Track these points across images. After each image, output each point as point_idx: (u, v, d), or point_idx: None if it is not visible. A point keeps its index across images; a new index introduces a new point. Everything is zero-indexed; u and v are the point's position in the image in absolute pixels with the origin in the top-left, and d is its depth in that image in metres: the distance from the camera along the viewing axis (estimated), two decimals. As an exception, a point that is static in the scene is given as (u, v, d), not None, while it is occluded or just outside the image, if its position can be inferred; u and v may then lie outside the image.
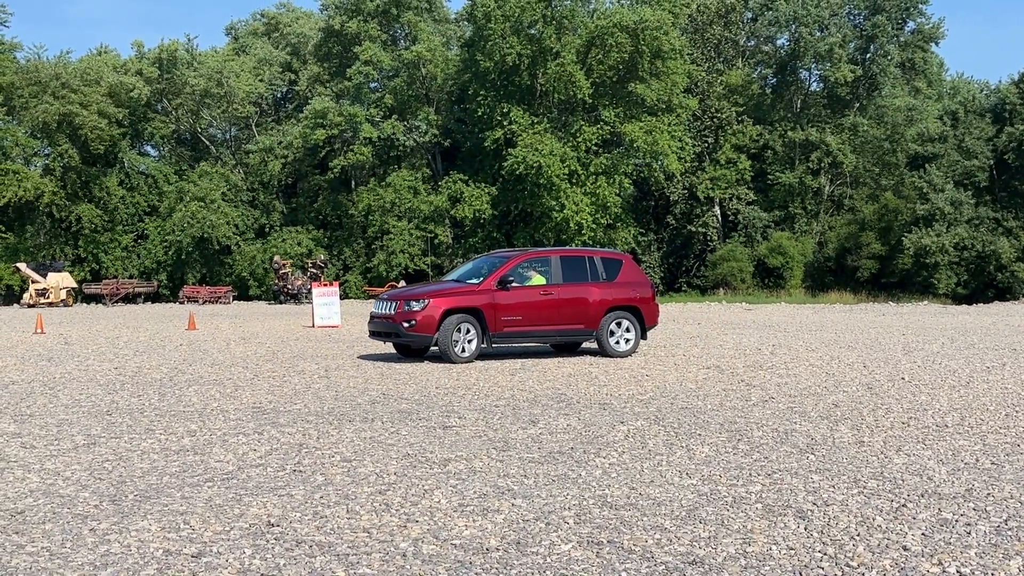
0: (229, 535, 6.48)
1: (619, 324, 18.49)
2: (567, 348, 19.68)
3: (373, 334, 18.57)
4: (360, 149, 59.28)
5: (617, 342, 18.46)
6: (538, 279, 18.31)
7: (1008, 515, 6.77)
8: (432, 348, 18.06)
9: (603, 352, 18.53)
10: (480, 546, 6.18)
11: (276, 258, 55.75)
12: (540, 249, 20.27)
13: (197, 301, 54.85)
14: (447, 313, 17.26)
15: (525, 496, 7.40)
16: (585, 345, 19.98)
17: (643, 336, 18.93)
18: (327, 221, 63.47)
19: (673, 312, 38.87)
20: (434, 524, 6.68)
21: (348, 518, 6.86)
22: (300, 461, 8.77)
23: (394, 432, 10.20)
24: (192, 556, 6.04)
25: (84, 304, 56.35)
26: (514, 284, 17.83)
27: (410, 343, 17.90)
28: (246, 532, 6.54)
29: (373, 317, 18.51)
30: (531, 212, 57.84)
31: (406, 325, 17.29)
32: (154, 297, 60.61)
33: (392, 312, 17.67)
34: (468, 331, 17.36)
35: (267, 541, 6.33)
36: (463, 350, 17.32)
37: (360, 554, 6.04)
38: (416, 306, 17.30)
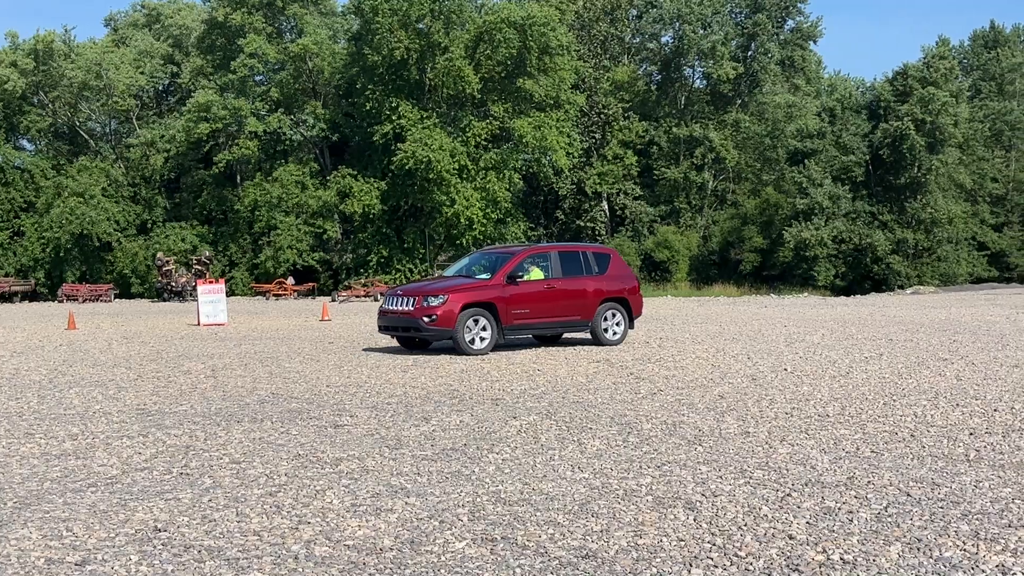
0: (114, 542, 6.31)
1: (612, 315, 19.54)
2: (552, 339, 20.52)
3: (384, 329, 19.16)
4: (245, 143, 58.30)
5: (607, 330, 19.45)
6: (538, 273, 19.11)
7: (888, 502, 7.00)
8: (444, 341, 18.67)
9: (596, 341, 19.44)
10: (373, 546, 6.14)
11: (159, 255, 54.46)
12: (539, 245, 21.39)
13: (77, 300, 53.20)
14: (465, 307, 17.89)
15: (418, 494, 7.38)
16: (567, 336, 20.79)
17: (631, 326, 19.99)
18: (212, 217, 62.26)
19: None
20: (326, 525, 6.62)
21: (238, 521, 6.75)
22: (187, 464, 8.59)
23: (284, 432, 10.06)
24: (76, 564, 5.87)
25: (-45, 304, 54.21)
26: (521, 278, 18.65)
27: (429, 337, 18.44)
28: (132, 538, 6.38)
29: (384, 312, 18.90)
30: (421, 207, 57.70)
31: (426, 320, 17.79)
32: (31, 296, 58.58)
33: (411, 308, 18.10)
34: (482, 324, 18.04)
35: (154, 547, 6.19)
36: (480, 342, 18.00)
37: (251, 558, 5.95)
38: (435, 301, 17.84)
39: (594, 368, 15.59)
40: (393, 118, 56.34)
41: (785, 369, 15.04)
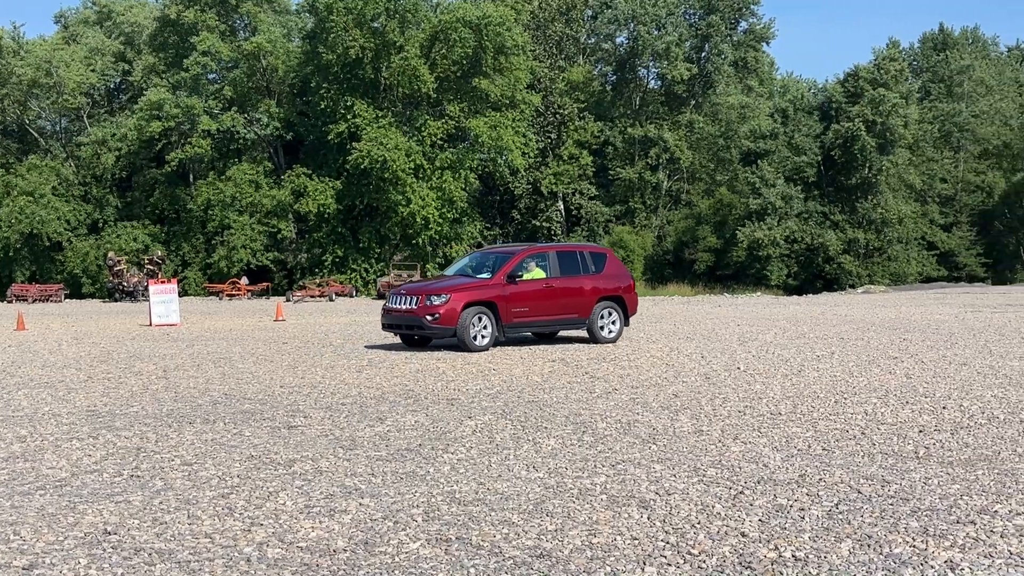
0: (63, 545, 6.22)
1: (608, 313, 19.85)
2: (548, 336, 20.84)
3: (388, 327, 19.54)
4: (198, 142, 57.78)
5: (603, 328, 19.76)
6: (538, 273, 19.42)
7: (839, 499, 7.07)
8: (446, 339, 19.02)
9: (592, 339, 19.74)
10: (327, 547, 6.11)
11: (111, 254, 53.77)
12: (537, 245, 21.70)
13: (26, 300, 52.38)
14: (467, 306, 18.30)
15: (373, 495, 7.35)
16: (563, 334, 21.07)
17: (626, 323, 20.28)
18: (164, 216, 61.62)
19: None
20: (279, 527, 6.57)
21: (189, 524, 6.68)
22: (138, 466, 8.49)
23: (237, 433, 9.98)
24: (23, 568, 5.78)
25: (-100, 304, 53.19)
26: (520, 278, 19.08)
27: (431, 335, 18.81)
28: (81, 541, 6.29)
29: (388, 311, 19.32)
30: (377, 207, 57.50)
31: (430, 318, 18.22)
32: (-22, 296, 57.66)
33: (414, 306, 18.52)
34: (483, 322, 18.45)
35: (104, 550, 6.11)
36: (481, 339, 18.39)
37: (202, 560, 5.89)
38: (438, 300, 18.28)
39: (550, 367, 15.62)
40: (348, 117, 56.11)
41: (738, 368, 15.16)
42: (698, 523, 6.52)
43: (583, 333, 20.35)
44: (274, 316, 31.14)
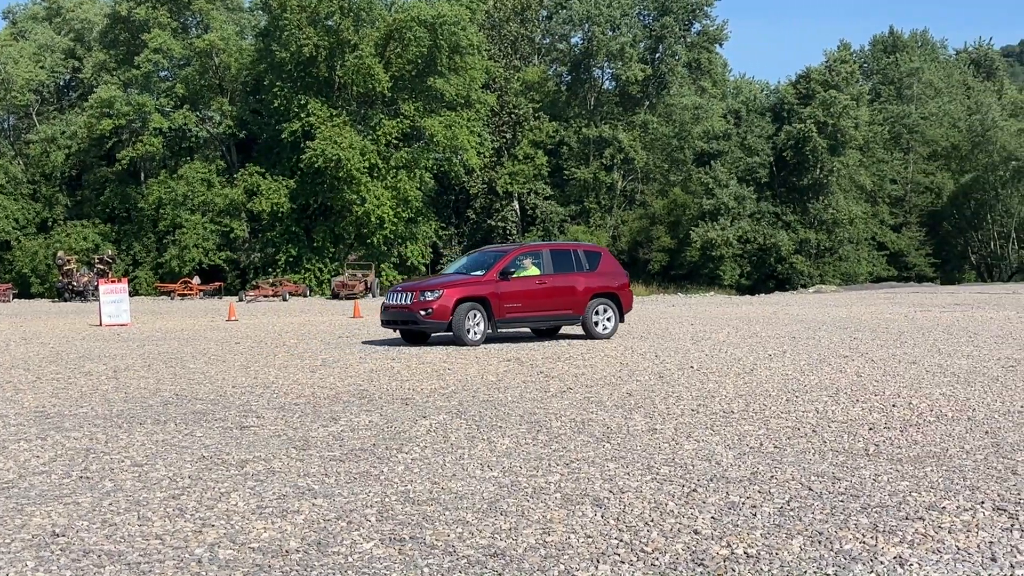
0: (10, 547, 6.12)
1: (603, 309, 20.38)
2: (549, 332, 21.30)
3: (386, 323, 20.14)
4: (150, 140, 57.18)
5: (597, 324, 20.29)
6: (533, 270, 20.00)
7: (790, 496, 7.14)
8: (440, 333, 19.74)
9: (587, 335, 20.26)
10: (279, 548, 6.06)
11: (60, 253, 53.04)
12: (532, 243, 22.49)
13: (-28, 300, 51.58)
14: (459, 302, 18.97)
15: (326, 495, 7.30)
16: (565, 330, 21.51)
17: (621, 320, 20.81)
18: (115, 215, 60.91)
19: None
20: (231, 528, 6.51)
21: (139, 525, 6.60)
22: (87, 467, 8.38)
23: (188, 434, 9.88)
24: (-32, 573, 5.68)
25: None
26: (512, 275, 19.63)
27: (425, 329, 19.53)
28: (28, 544, 6.19)
29: (386, 307, 20.05)
30: (331, 206, 57.23)
31: (423, 313, 18.93)
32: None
33: (409, 302, 19.27)
34: (476, 317, 19.13)
35: (52, 552, 6.02)
36: (475, 334, 19.04)
37: (152, 562, 5.82)
38: (431, 296, 19.00)
39: (504, 367, 15.62)
40: (302, 116, 55.81)
41: (691, 366, 15.25)
42: (651, 521, 6.55)
43: (580, 329, 20.88)
44: (227, 316, 30.87)
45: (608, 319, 20.40)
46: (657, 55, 67.03)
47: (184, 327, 26.60)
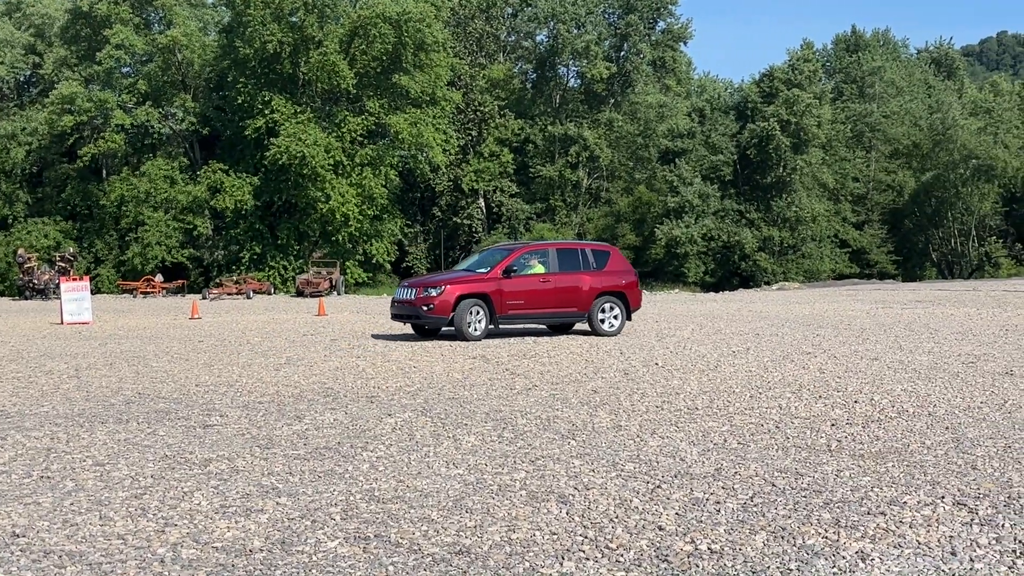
0: (-32, 550, 6.05)
1: (609, 307, 20.81)
2: (562, 328, 21.73)
3: (395, 317, 20.95)
4: (112, 136, 56.57)
5: (604, 322, 20.72)
6: (539, 268, 20.53)
7: (753, 492, 7.19)
8: (446, 328, 20.37)
9: (594, 332, 20.65)
10: (243, 548, 6.03)
11: (20, 251, 52.35)
12: (539, 242, 23.23)
13: (-70, 298, 50.88)
14: (461, 298, 19.61)
15: (290, 494, 7.27)
16: (579, 326, 21.76)
17: (628, 317, 21.30)
18: (76, 212, 60.21)
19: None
20: (194, 527, 6.46)
21: (101, 525, 6.54)
22: (48, 467, 8.29)
23: (151, 433, 9.80)
24: (-75, 575, 5.60)
25: None
26: (515, 273, 20.14)
27: (428, 324, 20.23)
28: (-13, 546, 6.12)
29: (395, 302, 20.83)
30: (295, 203, 56.92)
31: (425, 309, 19.67)
32: None
33: (412, 297, 20.01)
34: (478, 313, 19.72)
35: (12, 553, 5.95)
36: (475, 329, 19.64)
37: (114, 562, 5.78)
38: (434, 292, 19.68)
39: (470, 364, 15.61)
40: (266, 112, 55.45)
41: (656, 363, 15.31)
42: (616, 517, 6.57)
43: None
44: (190, 314, 30.64)
45: (615, 316, 20.81)
46: (622, 53, 67.18)
47: (147, 325, 26.37)
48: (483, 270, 20.57)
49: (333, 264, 54.62)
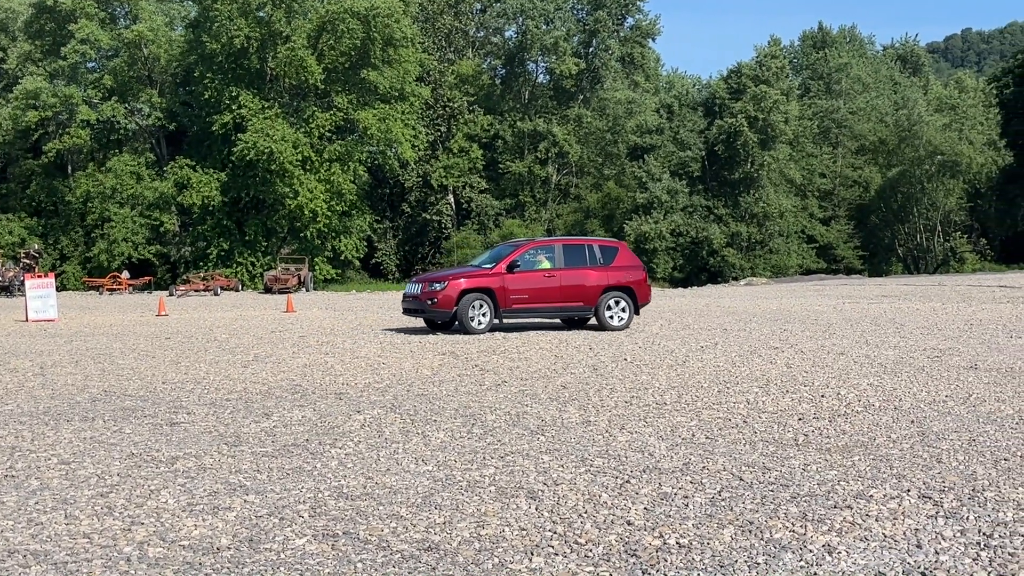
0: (-70, 550, 5.97)
1: (616, 302, 20.99)
2: (577, 323, 22.11)
3: (405, 311, 21.53)
4: (77, 132, 56.09)
5: (611, 317, 20.92)
6: (545, 264, 20.89)
7: (721, 487, 7.22)
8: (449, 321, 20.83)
9: (601, 326, 20.87)
10: (210, 546, 5.99)
11: (-17, 248, 51.87)
12: (546, 239, 23.65)
13: None
14: (464, 292, 20.15)
15: (258, 491, 7.23)
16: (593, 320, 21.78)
17: (636, 312, 21.45)
18: (41, 208, 59.64)
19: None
20: (161, 526, 6.41)
21: (67, 524, 6.47)
22: (12, 465, 8.20)
23: (117, 431, 9.71)
24: None
25: None
26: (520, 268, 20.51)
27: (433, 317, 20.86)
28: (-50, 546, 6.05)
29: (405, 296, 21.52)
30: (263, 199, 56.65)
31: (430, 303, 20.31)
32: None
33: (419, 292, 20.68)
34: (482, 307, 20.24)
35: (-26, 554, 5.88)
36: (479, 323, 20.18)
37: (80, 561, 5.72)
38: (438, 287, 20.26)
39: (439, 360, 15.59)
40: (233, 108, 55.13)
41: (625, 359, 15.35)
42: (585, 512, 6.58)
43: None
44: (157, 311, 30.41)
45: (622, 311, 20.97)
46: (591, 49, 67.30)
47: (113, 322, 26.15)
48: (489, 265, 21.01)
49: (301, 260, 54.41)
